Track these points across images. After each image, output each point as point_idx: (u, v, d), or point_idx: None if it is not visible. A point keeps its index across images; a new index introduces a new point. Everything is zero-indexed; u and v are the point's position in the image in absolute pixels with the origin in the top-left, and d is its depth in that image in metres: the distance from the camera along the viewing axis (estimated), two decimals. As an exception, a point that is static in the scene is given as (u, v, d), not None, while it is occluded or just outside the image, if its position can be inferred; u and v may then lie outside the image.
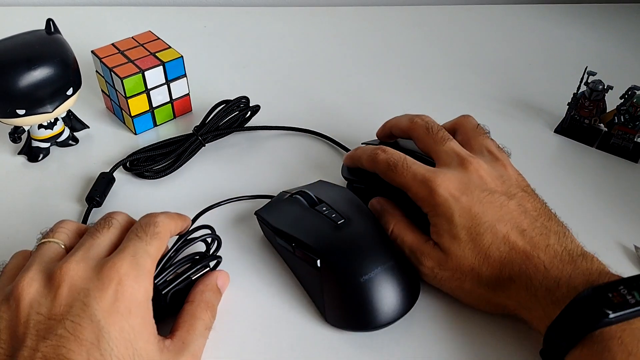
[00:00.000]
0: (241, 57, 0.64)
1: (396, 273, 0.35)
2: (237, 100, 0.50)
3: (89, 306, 0.27)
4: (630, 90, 0.48)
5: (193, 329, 0.32)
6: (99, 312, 0.27)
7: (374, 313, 0.34)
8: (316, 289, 0.36)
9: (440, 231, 0.35)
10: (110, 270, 0.29)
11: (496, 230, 0.34)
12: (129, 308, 0.28)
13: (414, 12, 0.74)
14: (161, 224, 0.33)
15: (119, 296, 0.28)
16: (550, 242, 0.34)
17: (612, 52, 0.66)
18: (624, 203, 0.46)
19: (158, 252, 0.32)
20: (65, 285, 0.28)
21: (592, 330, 0.28)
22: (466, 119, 0.41)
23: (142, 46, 0.51)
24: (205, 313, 0.33)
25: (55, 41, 0.44)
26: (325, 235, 0.36)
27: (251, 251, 0.41)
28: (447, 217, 0.35)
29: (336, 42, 0.67)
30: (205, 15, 0.71)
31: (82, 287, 0.28)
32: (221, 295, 0.36)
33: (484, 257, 0.34)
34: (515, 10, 0.75)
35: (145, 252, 0.31)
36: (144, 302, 0.30)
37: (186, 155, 0.47)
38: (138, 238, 0.32)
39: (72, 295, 0.28)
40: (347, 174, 0.45)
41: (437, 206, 0.35)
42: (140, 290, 0.29)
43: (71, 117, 0.49)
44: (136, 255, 0.30)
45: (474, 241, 0.34)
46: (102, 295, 0.28)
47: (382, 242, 0.37)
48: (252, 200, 0.44)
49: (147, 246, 0.31)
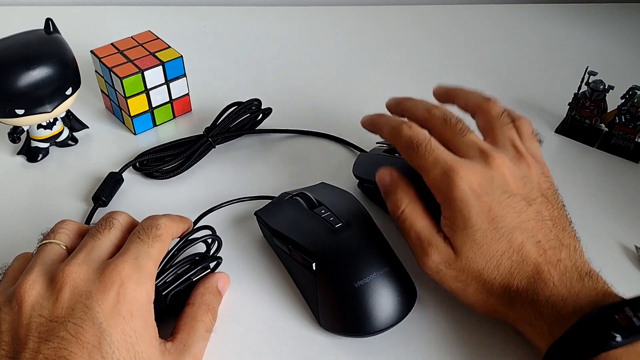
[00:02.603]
0: (241, 57, 0.63)
1: (392, 279, 0.35)
2: (249, 102, 0.50)
3: (90, 309, 0.27)
4: (631, 90, 0.48)
5: (194, 332, 0.32)
6: (101, 315, 0.27)
7: (368, 319, 0.34)
8: (311, 293, 0.36)
9: (454, 227, 0.33)
10: (112, 272, 0.29)
11: (512, 238, 0.32)
12: (131, 311, 0.28)
13: (414, 11, 0.74)
14: (163, 227, 0.33)
15: (121, 299, 0.28)
16: (562, 256, 0.32)
17: (613, 52, 0.66)
18: (624, 203, 0.46)
19: (160, 254, 0.32)
20: (68, 288, 0.28)
21: (598, 353, 0.28)
22: (490, 104, 0.38)
23: (142, 46, 0.51)
24: (206, 315, 0.33)
25: (55, 41, 0.44)
26: (321, 239, 0.36)
27: (250, 252, 0.41)
28: (463, 215, 0.33)
29: (336, 41, 0.67)
30: (205, 15, 0.71)
31: (84, 290, 0.28)
32: (221, 297, 0.36)
33: (495, 264, 0.33)
34: (515, 10, 0.75)
35: (147, 255, 0.31)
36: (145, 304, 0.30)
37: (196, 156, 0.47)
38: (140, 240, 0.31)
39: (74, 298, 0.28)
40: (359, 172, 0.44)
41: (454, 200, 0.33)
42: (142, 293, 0.29)
43: (70, 117, 0.49)
44: (138, 257, 0.30)
45: (488, 245, 0.32)
46: (104, 298, 0.28)
47: (379, 247, 0.37)
48: (256, 201, 0.44)
49: (149, 249, 0.31)
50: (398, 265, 0.37)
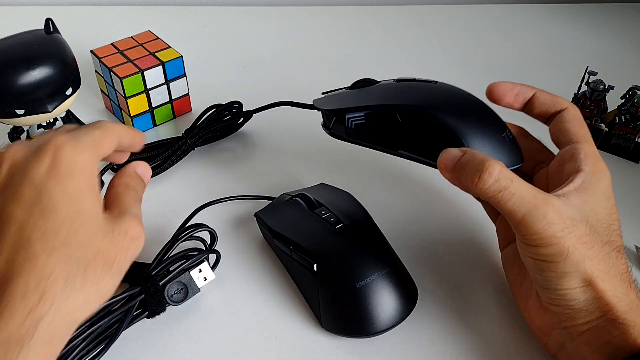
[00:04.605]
0: (241, 57, 0.63)
1: (393, 280, 0.35)
2: (229, 105, 0.50)
3: (27, 173, 0.27)
4: (631, 90, 0.48)
5: (124, 199, 0.30)
6: (37, 176, 0.26)
7: (370, 319, 0.34)
8: (312, 294, 0.36)
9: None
10: (47, 142, 0.28)
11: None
12: (71, 171, 0.27)
13: (415, 11, 0.74)
14: (103, 123, 0.31)
15: (57, 162, 0.27)
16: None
17: (613, 52, 0.66)
18: (624, 203, 0.45)
19: (100, 139, 0.30)
20: (7, 163, 0.27)
21: None
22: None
23: (142, 46, 0.51)
24: (129, 190, 0.31)
25: (54, 41, 0.44)
26: (322, 239, 0.36)
27: (251, 253, 0.41)
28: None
29: (336, 41, 0.67)
30: (205, 15, 0.71)
31: (21, 161, 0.27)
32: (144, 183, 0.33)
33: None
34: (515, 10, 0.75)
35: (85, 132, 0.29)
36: (86, 170, 0.28)
37: (174, 158, 0.47)
38: (78, 128, 0.30)
39: (12, 169, 0.27)
40: (330, 105, 0.38)
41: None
42: (80, 159, 0.28)
43: (70, 117, 0.49)
44: (74, 132, 0.29)
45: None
46: (40, 162, 0.27)
47: (380, 248, 0.37)
48: (254, 202, 0.44)
49: (87, 129, 0.30)
50: (399, 266, 0.37)
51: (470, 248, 0.42)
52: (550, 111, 0.37)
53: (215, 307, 0.37)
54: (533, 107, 0.38)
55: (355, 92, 0.39)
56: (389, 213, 0.43)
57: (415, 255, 0.40)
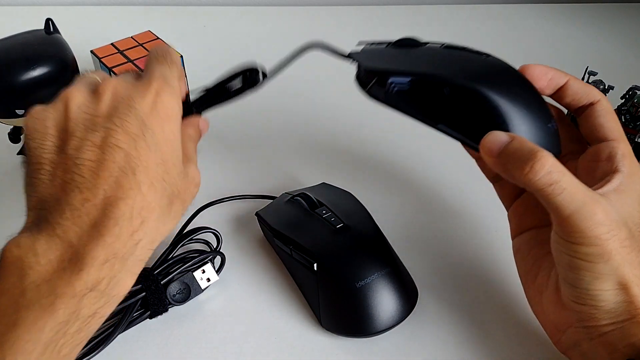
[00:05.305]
0: (241, 57, 0.63)
1: (393, 280, 0.35)
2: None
3: (132, 106, 0.28)
4: (631, 90, 0.48)
5: (190, 147, 0.33)
6: (142, 112, 0.28)
7: (369, 319, 0.34)
8: (313, 293, 0.36)
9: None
10: (147, 84, 0.30)
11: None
12: (168, 114, 0.29)
13: (415, 11, 0.74)
14: (174, 53, 0.33)
15: (159, 103, 0.29)
16: None
17: (612, 52, 0.66)
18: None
19: (180, 77, 0.32)
20: (109, 93, 0.29)
21: None
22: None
23: (142, 46, 0.51)
24: (192, 141, 0.34)
25: (55, 41, 0.44)
26: (323, 239, 0.36)
27: (251, 252, 0.41)
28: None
29: (336, 41, 0.67)
30: (205, 15, 0.71)
31: (124, 94, 0.29)
32: (200, 137, 0.35)
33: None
34: (515, 10, 0.75)
35: (172, 74, 0.32)
36: (177, 116, 0.30)
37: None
38: (159, 63, 0.32)
39: (116, 100, 0.29)
40: (373, 64, 0.36)
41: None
42: (175, 105, 0.30)
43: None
44: (165, 75, 0.31)
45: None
46: (144, 99, 0.29)
47: (380, 248, 0.37)
48: (255, 201, 0.44)
49: (171, 70, 0.32)
50: (399, 266, 0.37)
51: (471, 248, 0.42)
52: (582, 102, 0.35)
53: (215, 305, 0.37)
54: (565, 95, 0.35)
55: (400, 53, 0.36)
56: (390, 213, 0.43)
57: (415, 255, 0.40)
